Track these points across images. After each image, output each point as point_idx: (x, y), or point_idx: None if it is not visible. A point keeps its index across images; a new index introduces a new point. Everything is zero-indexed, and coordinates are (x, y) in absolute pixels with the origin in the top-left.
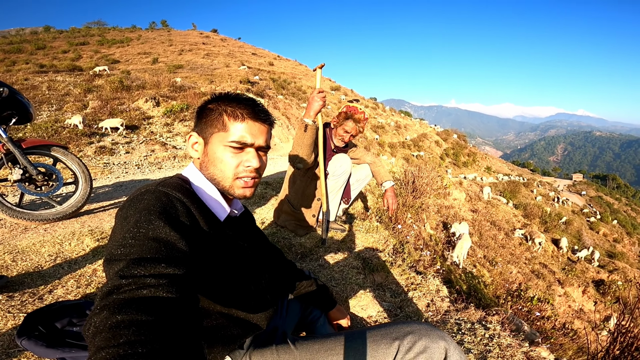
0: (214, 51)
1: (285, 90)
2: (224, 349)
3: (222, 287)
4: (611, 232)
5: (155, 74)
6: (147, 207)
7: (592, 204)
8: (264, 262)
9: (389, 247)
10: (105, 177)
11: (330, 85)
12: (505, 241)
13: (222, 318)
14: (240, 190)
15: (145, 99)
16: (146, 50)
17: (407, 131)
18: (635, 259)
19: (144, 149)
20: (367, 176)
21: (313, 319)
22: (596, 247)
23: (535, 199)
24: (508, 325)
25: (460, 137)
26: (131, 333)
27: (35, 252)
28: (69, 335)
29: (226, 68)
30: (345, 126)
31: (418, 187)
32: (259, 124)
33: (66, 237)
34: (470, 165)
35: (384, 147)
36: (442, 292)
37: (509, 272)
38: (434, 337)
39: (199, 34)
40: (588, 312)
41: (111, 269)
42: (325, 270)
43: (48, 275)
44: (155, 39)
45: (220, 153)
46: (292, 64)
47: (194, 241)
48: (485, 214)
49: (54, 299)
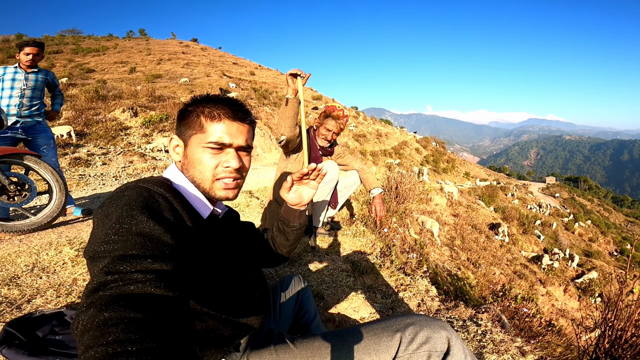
0: (194, 60)
1: (267, 100)
2: (217, 351)
3: (208, 286)
4: (586, 232)
5: (133, 83)
6: (128, 202)
7: (566, 205)
8: (251, 260)
9: (376, 250)
10: (81, 189)
11: (312, 94)
12: (486, 244)
13: (210, 319)
14: (221, 192)
15: (122, 109)
16: (123, 59)
17: (388, 139)
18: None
19: (121, 160)
20: (355, 182)
21: (307, 320)
22: (573, 247)
23: (512, 202)
24: (499, 322)
25: (439, 144)
26: (120, 331)
27: (10, 263)
28: (51, 344)
29: (207, 78)
30: (327, 125)
31: (401, 192)
32: (237, 123)
33: (43, 247)
34: (449, 172)
35: (366, 156)
36: (432, 292)
37: (492, 273)
38: (436, 327)
39: (178, 43)
40: (571, 310)
41: (95, 267)
42: (315, 274)
43: (25, 285)
44: (133, 48)
45: (199, 154)
46: (274, 74)
47: (179, 236)
48: (467, 218)
49: (33, 309)
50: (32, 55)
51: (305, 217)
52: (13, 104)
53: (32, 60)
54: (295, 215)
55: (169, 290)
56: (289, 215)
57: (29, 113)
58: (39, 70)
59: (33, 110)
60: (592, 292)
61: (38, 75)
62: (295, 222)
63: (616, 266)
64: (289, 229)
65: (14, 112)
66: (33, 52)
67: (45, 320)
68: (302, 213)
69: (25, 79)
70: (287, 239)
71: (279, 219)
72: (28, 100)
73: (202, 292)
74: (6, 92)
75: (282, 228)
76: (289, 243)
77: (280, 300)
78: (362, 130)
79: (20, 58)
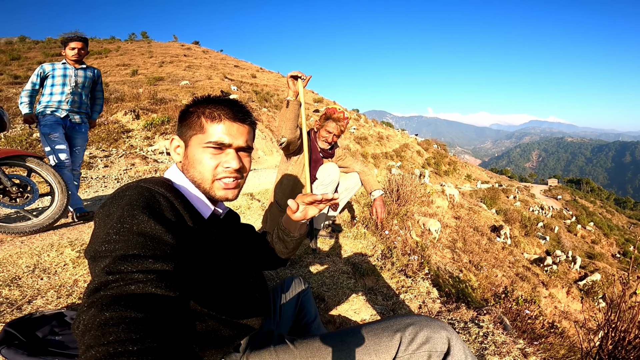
0: (195, 63)
1: (268, 102)
2: (217, 351)
3: (208, 286)
4: (588, 234)
5: (135, 86)
6: (129, 202)
7: (569, 208)
8: (252, 261)
9: (377, 253)
10: (83, 192)
11: (313, 97)
12: (488, 246)
13: (210, 319)
14: (221, 192)
15: (124, 112)
16: (125, 61)
17: (389, 142)
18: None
19: (123, 163)
20: (356, 185)
21: (307, 322)
22: (575, 249)
23: (514, 205)
24: (500, 324)
25: (440, 147)
26: (121, 330)
27: (12, 264)
28: (51, 344)
29: (208, 80)
30: (327, 127)
31: (402, 195)
32: (237, 124)
33: (44, 248)
34: (451, 174)
35: (367, 158)
36: (433, 294)
37: (494, 275)
38: (436, 328)
39: (180, 46)
40: (574, 312)
41: (96, 266)
42: (316, 275)
43: (26, 286)
44: (135, 51)
45: (199, 155)
46: (275, 76)
47: (180, 236)
48: (468, 220)
49: (34, 309)
50: (78, 50)
51: (306, 227)
52: (65, 100)
53: (78, 55)
54: (296, 227)
55: (170, 290)
56: (290, 226)
57: (78, 110)
58: (87, 67)
59: (82, 108)
60: (595, 294)
61: (87, 72)
62: (295, 233)
63: (619, 268)
64: (289, 238)
65: (65, 107)
66: (78, 46)
67: (45, 321)
68: (304, 225)
69: (76, 75)
70: (287, 248)
71: (279, 227)
72: (79, 97)
73: (202, 292)
74: (57, 89)
75: (283, 237)
76: (288, 251)
77: (281, 301)
78: (364, 133)
79: (66, 53)
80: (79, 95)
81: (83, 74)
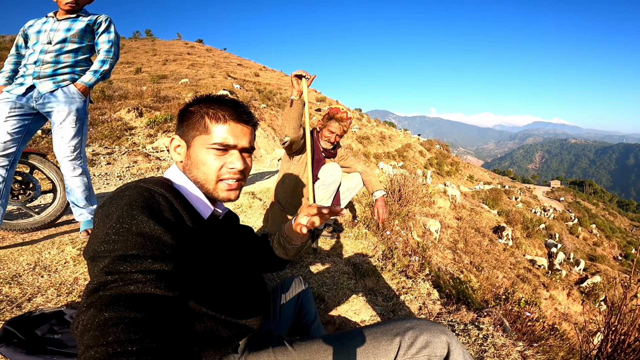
0: (199, 61)
1: (270, 101)
2: (215, 352)
3: (207, 286)
4: (590, 236)
5: (139, 83)
6: (129, 202)
7: (571, 209)
8: (251, 261)
9: (378, 253)
10: None
11: (316, 96)
12: (490, 247)
13: (209, 320)
14: (224, 193)
15: (127, 109)
16: (129, 59)
17: (391, 141)
18: (614, 261)
19: (126, 160)
20: (357, 185)
21: (307, 322)
22: (577, 251)
23: (516, 206)
24: (500, 326)
25: (443, 147)
26: (120, 331)
27: (13, 261)
28: (50, 343)
29: (211, 79)
30: (330, 127)
31: (404, 195)
32: (241, 125)
33: (45, 245)
34: (453, 175)
35: (370, 158)
36: (434, 295)
37: (495, 277)
38: (436, 332)
39: (184, 44)
40: (574, 314)
41: (95, 267)
42: (316, 275)
43: (27, 283)
44: (139, 49)
45: (203, 156)
46: (278, 75)
47: (179, 236)
48: (470, 221)
49: (33, 307)
50: None
51: (308, 236)
52: (31, 61)
53: (74, 3)
54: (299, 235)
55: (169, 291)
56: (293, 235)
57: (51, 73)
58: (77, 16)
59: (59, 69)
60: (595, 296)
61: (75, 22)
62: (297, 242)
63: (620, 270)
64: (291, 246)
65: (30, 72)
66: None
67: (44, 319)
68: (306, 234)
69: (53, 30)
70: (287, 254)
71: (281, 234)
72: (52, 55)
73: (201, 293)
74: (29, 51)
75: (284, 244)
76: (288, 256)
77: (281, 301)
78: (366, 133)
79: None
80: (54, 53)
81: (66, 26)
